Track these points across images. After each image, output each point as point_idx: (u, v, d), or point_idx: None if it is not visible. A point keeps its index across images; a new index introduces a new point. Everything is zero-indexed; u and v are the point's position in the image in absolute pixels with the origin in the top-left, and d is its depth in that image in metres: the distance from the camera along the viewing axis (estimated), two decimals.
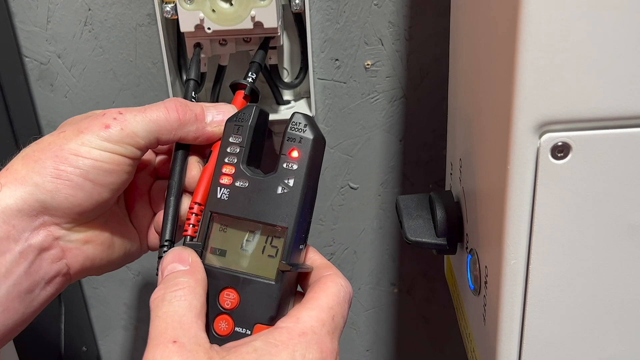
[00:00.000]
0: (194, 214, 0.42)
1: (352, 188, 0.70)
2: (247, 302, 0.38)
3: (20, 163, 0.40)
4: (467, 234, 0.48)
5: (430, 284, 0.74)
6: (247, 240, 0.39)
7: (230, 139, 0.40)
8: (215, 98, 0.60)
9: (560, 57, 0.33)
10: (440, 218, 0.49)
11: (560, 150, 0.35)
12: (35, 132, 0.65)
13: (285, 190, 0.38)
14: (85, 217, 0.42)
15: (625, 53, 0.33)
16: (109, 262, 0.45)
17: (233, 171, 0.39)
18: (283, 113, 0.62)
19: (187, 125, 0.42)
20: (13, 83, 0.61)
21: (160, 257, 0.41)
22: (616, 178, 0.36)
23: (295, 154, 0.38)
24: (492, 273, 0.41)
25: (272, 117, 0.61)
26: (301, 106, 0.62)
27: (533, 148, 0.35)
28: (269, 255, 0.38)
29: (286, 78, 0.62)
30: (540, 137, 0.35)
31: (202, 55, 0.55)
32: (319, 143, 0.39)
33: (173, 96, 0.59)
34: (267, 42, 0.55)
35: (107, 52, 0.63)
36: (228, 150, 0.40)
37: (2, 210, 0.38)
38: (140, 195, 0.47)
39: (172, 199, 0.43)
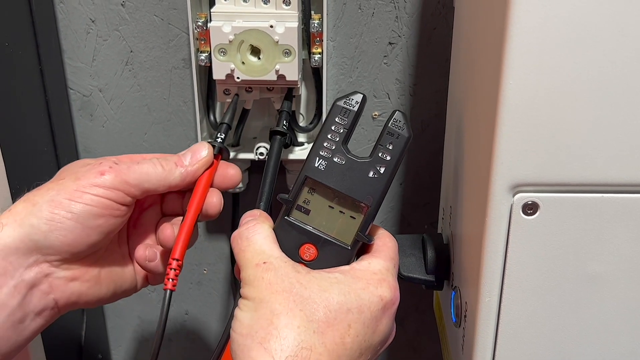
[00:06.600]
0: (172, 269, 0.48)
1: None
2: (323, 258, 0.45)
3: (21, 205, 0.45)
4: (453, 273, 0.55)
5: (421, 317, 0.81)
6: (330, 206, 0.45)
7: (337, 119, 0.45)
8: (237, 137, 0.67)
9: (533, 131, 0.40)
10: (430, 257, 0.56)
11: (530, 208, 0.42)
12: (74, 155, 0.72)
13: (375, 176, 0.44)
14: (76, 256, 0.46)
15: (585, 132, 0.40)
16: (98, 298, 0.49)
17: (333, 147, 0.45)
18: (297, 154, 0.69)
19: (173, 172, 0.49)
20: (59, 111, 0.69)
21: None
22: (577, 234, 0.43)
23: (390, 147, 0.44)
24: (470, 308, 0.48)
25: (288, 156, 0.68)
26: None
27: (507, 205, 0.42)
28: (347, 224, 0.45)
29: (302, 122, 0.69)
30: (513, 195, 0.42)
31: (228, 100, 0.63)
32: (410, 141, 0.44)
33: (200, 132, 0.66)
34: (290, 92, 0.63)
35: (144, 90, 0.70)
36: (333, 128, 0.45)
37: (2, 248, 0.43)
38: (146, 234, 0.52)
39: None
